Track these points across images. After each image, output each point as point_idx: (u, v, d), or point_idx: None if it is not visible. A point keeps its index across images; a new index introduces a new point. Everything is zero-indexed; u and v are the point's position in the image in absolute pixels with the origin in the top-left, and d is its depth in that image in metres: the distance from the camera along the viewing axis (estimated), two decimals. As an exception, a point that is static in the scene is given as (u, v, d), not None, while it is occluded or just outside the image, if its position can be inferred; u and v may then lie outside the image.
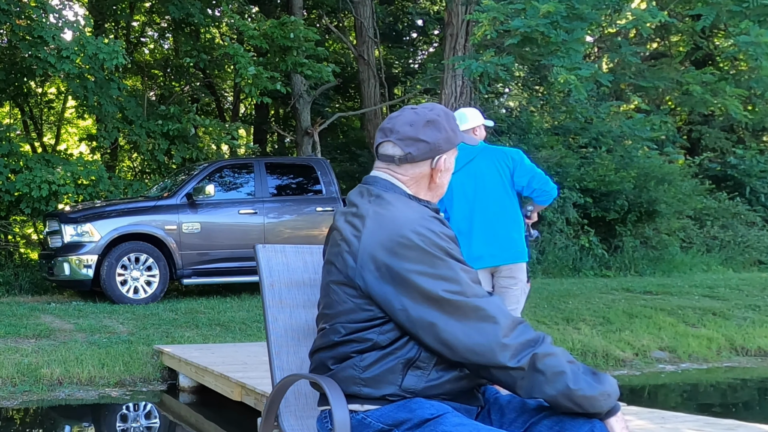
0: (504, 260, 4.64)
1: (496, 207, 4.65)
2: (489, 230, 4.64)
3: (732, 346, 8.04)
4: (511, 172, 4.67)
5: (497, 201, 4.66)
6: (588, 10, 8.18)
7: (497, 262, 4.65)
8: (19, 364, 6.28)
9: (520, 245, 4.69)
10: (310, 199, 9.95)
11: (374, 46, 14.92)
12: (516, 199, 4.74)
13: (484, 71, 8.67)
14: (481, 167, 4.69)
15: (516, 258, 4.66)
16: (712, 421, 4.01)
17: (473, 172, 4.69)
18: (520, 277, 4.68)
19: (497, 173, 4.67)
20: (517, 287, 4.68)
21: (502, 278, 4.68)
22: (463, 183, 4.70)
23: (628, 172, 13.14)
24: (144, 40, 16.80)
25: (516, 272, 4.67)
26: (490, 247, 4.62)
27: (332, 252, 1.94)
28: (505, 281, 4.68)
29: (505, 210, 4.67)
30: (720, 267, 13.54)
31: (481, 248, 4.62)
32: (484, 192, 4.67)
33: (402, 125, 1.98)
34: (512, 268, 4.66)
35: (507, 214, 4.67)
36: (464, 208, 4.72)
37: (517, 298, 4.70)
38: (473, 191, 4.69)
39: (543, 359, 1.77)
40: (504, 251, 4.63)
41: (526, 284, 4.79)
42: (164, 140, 12.78)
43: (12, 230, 12.11)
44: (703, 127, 16.98)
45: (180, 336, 7.29)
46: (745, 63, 10.52)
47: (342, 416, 1.84)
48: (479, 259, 4.62)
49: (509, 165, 4.67)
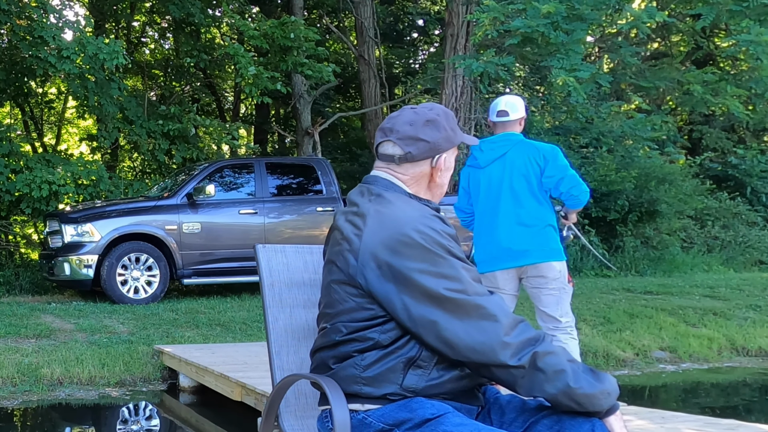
0: (528, 260, 4.38)
1: (524, 204, 4.41)
2: (512, 228, 4.40)
3: (733, 346, 8.03)
4: (542, 170, 4.42)
5: (525, 197, 4.42)
6: (588, 11, 8.19)
7: (520, 262, 4.40)
8: (20, 364, 6.28)
9: (549, 243, 4.40)
10: (311, 199, 9.95)
11: (375, 46, 14.93)
12: (545, 197, 4.48)
13: (484, 71, 8.68)
14: (514, 161, 4.45)
15: (543, 257, 4.37)
16: (713, 421, 4.01)
17: (504, 166, 4.47)
18: (551, 276, 4.38)
19: (528, 169, 4.43)
20: (551, 287, 4.38)
21: (531, 278, 4.43)
22: (491, 177, 4.50)
23: (629, 172, 13.13)
24: (144, 40, 16.82)
25: (545, 271, 4.37)
26: (514, 246, 4.38)
27: (333, 251, 1.94)
28: (534, 281, 4.42)
29: (533, 207, 4.42)
30: (721, 267, 13.53)
31: (503, 246, 4.41)
32: (511, 188, 4.44)
33: (402, 125, 1.98)
34: (539, 267, 4.37)
35: (535, 211, 4.41)
36: (490, 203, 4.51)
37: (556, 299, 4.40)
38: (500, 186, 4.47)
39: (543, 357, 1.77)
40: (529, 250, 4.37)
41: (568, 285, 4.47)
42: (165, 140, 12.79)
43: (12, 230, 12.12)
44: (704, 127, 16.98)
45: (180, 336, 7.29)
46: (745, 62, 10.52)
47: (342, 416, 1.83)
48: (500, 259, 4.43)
49: (540, 163, 4.43)
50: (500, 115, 4.57)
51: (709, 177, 16.20)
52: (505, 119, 4.55)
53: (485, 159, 4.54)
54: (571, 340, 4.42)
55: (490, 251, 4.48)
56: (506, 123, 4.56)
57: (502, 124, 4.57)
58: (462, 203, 4.73)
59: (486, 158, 4.53)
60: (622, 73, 12.71)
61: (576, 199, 4.43)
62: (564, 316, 4.42)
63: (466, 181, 4.69)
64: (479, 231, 4.61)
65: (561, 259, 4.44)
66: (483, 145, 4.57)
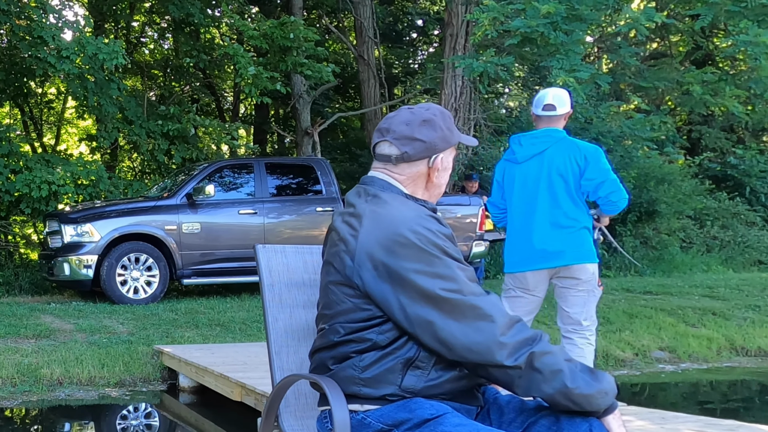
0: (562, 261, 4.26)
1: (560, 204, 4.26)
2: (546, 228, 4.26)
3: (732, 346, 8.04)
4: (581, 171, 4.26)
5: (562, 197, 4.26)
6: (588, 11, 8.20)
7: (554, 264, 4.28)
8: (19, 364, 6.28)
9: (584, 245, 4.28)
10: (310, 200, 9.95)
11: (374, 47, 14.94)
12: (582, 198, 4.34)
13: (484, 71, 8.69)
14: (553, 159, 4.28)
15: (577, 259, 4.26)
16: (713, 422, 4.01)
17: (542, 164, 4.30)
18: (584, 278, 4.28)
19: (568, 168, 4.25)
20: (580, 288, 4.29)
21: (561, 278, 4.32)
22: (528, 174, 4.33)
23: (628, 172, 13.14)
24: (144, 41, 16.82)
25: (578, 273, 4.27)
26: (549, 247, 4.25)
27: (330, 252, 1.95)
28: (564, 281, 4.32)
29: (570, 208, 4.26)
30: (720, 267, 13.54)
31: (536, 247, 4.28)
32: (548, 187, 4.27)
33: (398, 124, 1.98)
34: (572, 269, 4.26)
35: (571, 212, 4.26)
36: (525, 201, 4.35)
37: (583, 300, 4.31)
38: (536, 184, 4.30)
39: (540, 357, 1.77)
40: (563, 251, 4.25)
41: (598, 288, 4.37)
42: (164, 140, 12.79)
43: (12, 230, 12.12)
44: (703, 127, 17.00)
45: (180, 336, 7.30)
46: (744, 63, 10.53)
47: (342, 416, 1.84)
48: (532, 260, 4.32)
49: (580, 163, 4.25)
50: (546, 109, 4.37)
51: (708, 177, 16.21)
52: (551, 113, 4.36)
53: (524, 154, 4.36)
54: (587, 346, 4.34)
55: (523, 251, 4.35)
56: (552, 118, 4.36)
57: (547, 118, 4.37)
58: (495, 198, 4.58)
59: (524, 154, 4.35)
60: (621, 74, 12.72)
61: (614, 205, 4.30)
62: (587, 320, 4.34)
63: (501, 175, 4.52)
64: (512, 229, 4.46)
65: (594, 261, 4.33)
66: (523, 140, 4.41)
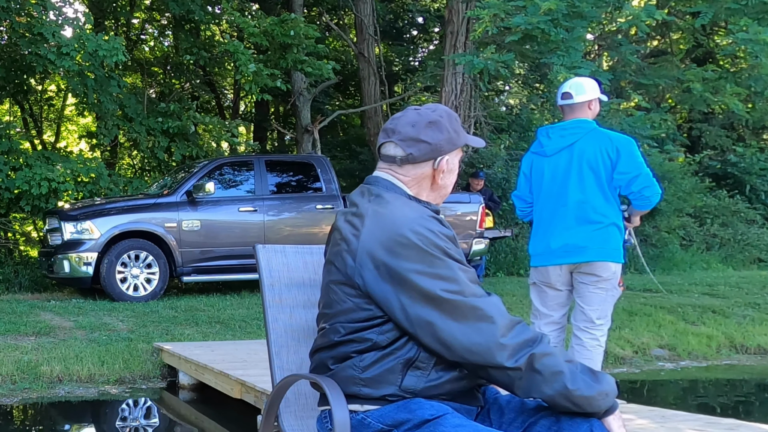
0: (585, 257, 4.13)
1: (590, 198, 4.13)
2: (572, 222, 4.15)
3: (732, 344, 8.04)
4: (614, 164, 4.10)
5: (592, 192, 4.13)
6: (588, 8, 8.19)
7: (574, 260, 4.17)
8: (19, 361, 6.28)
9: (610, 242, 4.13)
10: (310, 197, 9.95)
11: (374, 44, 14.93)
12: (613, 193, 4.18)
13: (484, 68, 8.68)
14: (584, 151, 4.15)
15: (600, 256, 4.12)
16: (713, 421, 4.01)
17: (572, 156, 4.17)
18: (604, 276, 4.15)
19: (599, 161, 4.11)
20: (600, 286, 4.17)
21: (582, 274, 4.19)
22: (557, 167, 4.20)
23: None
24: (144, 38, 16.80)
25: (600, 270, 4.14)
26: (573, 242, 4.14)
27: (332, 251, 1.95)
28: (584, 278, 4.19)
29: (600, 203, 4.13)
30: (720, 265, 13.55)
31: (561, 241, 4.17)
32: (579, 180, 4.15)
33: (404, 126, 1.98)
34: (594, 265, 4.13)
35: (599, 208, 4.13)
36: (553, 195, 4.23)
37: (602, 298, 4.20)
38: (566, 177, 4.18)
39: (541, 359, 1.77)
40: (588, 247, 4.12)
41: (618, 287, 4.24)
42: (164, 138, 12.78)
43: (12, 228, 12.12)
44: (704, 124, 16.99)
45: (180, 333, 7.30)
46: (745, 61, 10.52)
47: (342, 416, 1.84)
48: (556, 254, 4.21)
49: (612, 156, 4.10)
50: (564, 98, 4.27)
51: (709, 175, 16.21)
52: (569, 102, 4.24)
53: (552, 147, 4.25)
54: (597, 348, 4.23)
55: (547, 245, 4.25)
56: (573, 107, 4.24)
57: (569, 107, 4.26)
58: (522, 191, 4.46)
59: (553, 146, 4.24)
60: (621, 71, 12.72)
61: (647, 200, 4.14)
62: (601, 318, 4.23)
63: (529, 168, 4.40)
64: (539, 222, 4.36)
65: (619, 261, 4.21)
66: (551, 132, 4.30)
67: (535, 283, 4.42)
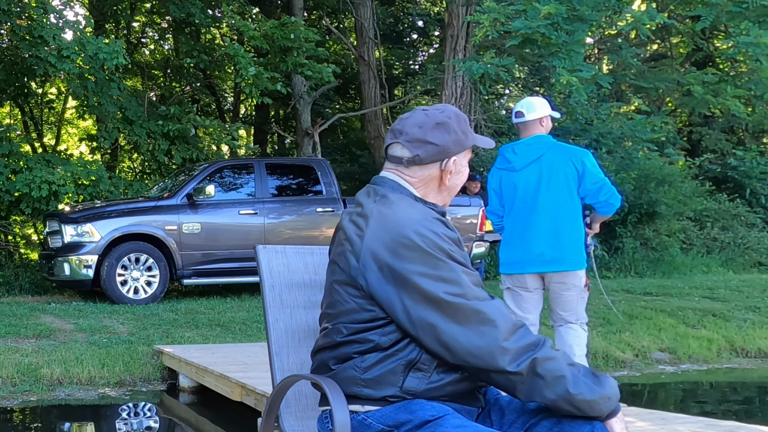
0: (560, 267, 4.46)
1: (561, 208, 4.44)
2: (547, 233, 4.44)
3: (732, 348, 8.04)
4: (580, 175, 4.44)
5: (564, 202, 4.44)
6: (588, 12, 8.19)
7: (550, 269, 4.48)
8: (20, 364, 6.28)
9: (576, 253, 4.48)
10: (311, 200, 9.95)
11: (375, 47, 14.93)
12: (579, 203, 4.52)
13: (485, 72, 8.68)
14: (552, 164, 4.45)
15: (570, 266, 4.47)
16: (713, 423, 4.01)
17: (541, 169, 4.46)
18: (573, 283, 4.50)
19: (565, 174, 4.44)
20: (570, 292, 4.52)
21: (554, 283, 4.54)
22: (528, 180, 4.49)
23: (629, 174, 13.14)
24: (144, 41, 16.82)
25: (570, 278, 4.49)
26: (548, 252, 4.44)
27: (336, 252, 1.94)
28: (556, 286, 4.55)
29: (568, 213, 4.46)
30: (720, 268, 13.54)
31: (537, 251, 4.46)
32: (549, 191, 4.44)
33: (411, 127, 1.97)
34: (566, 274, 4.49)
35: (569, 217, 4.46)
36: (527, 206, 4.50)
37: (574, 303, 4.54)
38: (537, 189, 4.47)
39: (543, 363, 1.76)
40: (562, 258, 4.45)
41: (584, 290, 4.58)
42: (164, 141, 12.79)
43: (12, 230, 12.12)
44: (704, 128, 17.00)
45: (180, 336, 7.30)
46: (745, 64, 10.53)
47: (342, 417, 1.84)
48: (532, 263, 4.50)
49: (579, 168, 4.44)
50: (517, 117, 4.61)
51: (709, 178, 16.20)
52: (522, 120, 4.56)
53: (521, 162, 4.52)
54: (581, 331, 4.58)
55: (523, 254, 4.52)
56: (527, 124, 4.57)
57: (523, 125, 4.59)
58: (495, 207, 4.73)
59: (521, 161, 4.52)
60: (622, 75, 12.72)
61: (612, 207, 4.48)
62: (580, 318, 4.58)
63: (498, 184, 4.67)
64: (512, 232, 4.62)
65: (584, 267, 4.53)
66: (516, 148, 4.58)
67: (510, 287, 4.70)
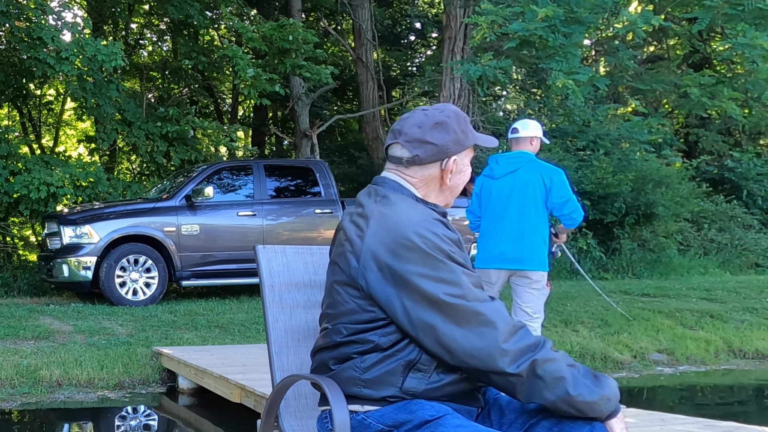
0: (522, 266, 5.09)
1: (526, 216, 5.07)
2: (512, 235, 5.08)
3: (730, 349, 8.05)
4: (548, 189, 5.08)
5: (529, 211, 5.08)
6: (586, 14, 8.21)
7: (511, 267, 5.11)
8: (18, 365, 6.28)
9: (537, 255, 5.09)
10: (309, 201, 9.96)
11: (373, 49, 14.95)
12: (545, 213, 5.14)
13: (482, 74, 8.69)
14: (524, 177, 5.10)
15: (531, 266, 5.09)
16: (712, 424, 4.02)
17: (515, 180, 5.11)
18: (535, 279, 5.12)
19: (536, 186, 5.08)
20: (533, 287, 5.14)
21: (518, 278, 5.18)
22: (502, 188, 5.15)
23: (626, 175, 13.15)
24: (143, 42, 16.82)
25: (531, 276, 5.11)
26: (510, 251, 5.07)
27: (337, 252, 1.95)
28: (520, 281, 5.18)
29: (532, 221, 5.08)
30: (717, 270, 13.56)
31: (500, 249, 5.12)
32: (518, 200, 5.09)
33: (410, 127, 1.97)
34: (527, 272, 5.11)
35: (533, 224, 5.08)
36: (497, 210, 5.17)
37: (534, 297, 5.14)
38: (509, 197, 5.12)
39: (543, 365, 1.77)
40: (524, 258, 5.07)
41: (546, 288, 5.22)
42: (163, 142, 12.79)
43: (11, 232, 12.12)
44: (701, 130, 17.02)
45: (179, 338, 7.30)
46: (741, 66, 10.55)
47: (342, 417, 1.84)
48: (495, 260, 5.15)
49: (547, 183, 5.07)
50: (512, 132, 5.25)
51: (706, 180, 16.22)
52: (516, 135, 5.21)
53: (500, 171, 5.20)
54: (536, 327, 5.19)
55: (491, 252, 5.19)
56: (519, 140, 5.22)
57: (515, 140, 5.24)
58: (474, 208, 5.40)
59: (501, 171, 5.19)
60: (619, 76, 12.74)
61: (574, 221, 5.17)
62: (536, 313, 5.19)
63: (479, 188, 5.35)
64: (484, 233, 5.30)
65: (545, 269, 5.18)
66: (500, 159, 5.25)
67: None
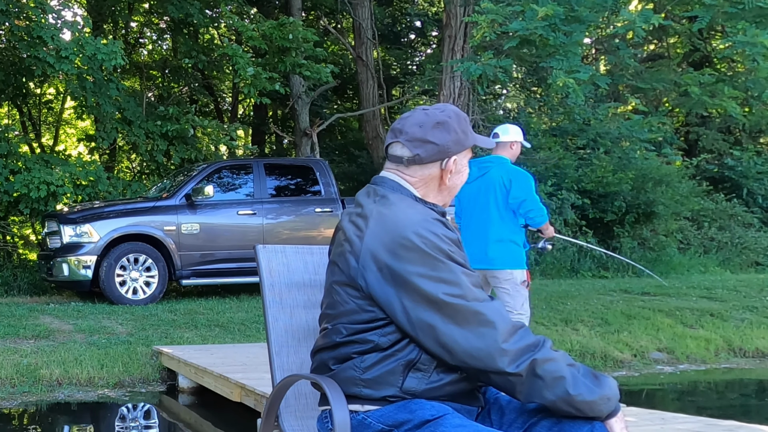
0: (485, 266, 5.23)
1: (491, 218, 5.26)
2: (477, 236, 5.28)
3: (730, 348, 8.05)
4: (507, 191, 5.26)
5: (493, 213, 5.26)
6: (586, 13, 8.20)
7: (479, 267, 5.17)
8: (18, 364, 6.28)
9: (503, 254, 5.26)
10: (309, 200, 9.96)
11: (373, 48, 14.94)
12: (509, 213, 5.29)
13: (482, 73, 8.68)
14: (490, 180, 5.29)
15: (495, 265, 5.26)
16: (713, 423, 4.02)
17: (482, 184, 5.30)
18: (504, 278, 5.28)
19: (497, 189, 5.26)
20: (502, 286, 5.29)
21: (491, 278, 5.35)
22: (471, 191, 5.31)
23: (626, 174, 13.16)
24: (143, 41, 16.81)
25: (501, 275, 5.27)
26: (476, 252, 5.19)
27: (336, 252, 1.95)
28: (493, 280, 5.36)
29: (496, 221, 5.26)
30: (717, 268, 13.56)
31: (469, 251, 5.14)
32: (482, 202, 5.29)
33: (411, 126, 1.97)
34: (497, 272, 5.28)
35: (497, 225, 5.26)
36: (466, 213, 5.40)
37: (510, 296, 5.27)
38: (476, 201, 5.32)
39: (542, 365, 1.77)
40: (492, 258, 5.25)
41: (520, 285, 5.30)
42: (163, 141, 12.79)
43: (11, 231, 12.12)
44: (701, 128, 17.02)
45: (179, 337, 7.30)
46: (742, 64, 10.55)
47: (342, 416, 1.84)
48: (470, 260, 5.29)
49: (507, 185, 5.25)
50: (494, 137, 5.44)
51: (706, 179, 16.23)
52: (496, 140, 5.35)
53: (473, 175, 5.22)
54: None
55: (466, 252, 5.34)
56: (498, 144, 5.39)
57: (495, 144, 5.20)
58: (457, 210, 5.63)
59: (473, 175, 5.25)
60: (619, 75, 12.73)
61: (533, 220, 5.30)
62: (517, 310, 5.24)
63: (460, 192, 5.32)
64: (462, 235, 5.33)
65: (514, 267, 5.28)
66: (473, 163, 5.29)
67: None
